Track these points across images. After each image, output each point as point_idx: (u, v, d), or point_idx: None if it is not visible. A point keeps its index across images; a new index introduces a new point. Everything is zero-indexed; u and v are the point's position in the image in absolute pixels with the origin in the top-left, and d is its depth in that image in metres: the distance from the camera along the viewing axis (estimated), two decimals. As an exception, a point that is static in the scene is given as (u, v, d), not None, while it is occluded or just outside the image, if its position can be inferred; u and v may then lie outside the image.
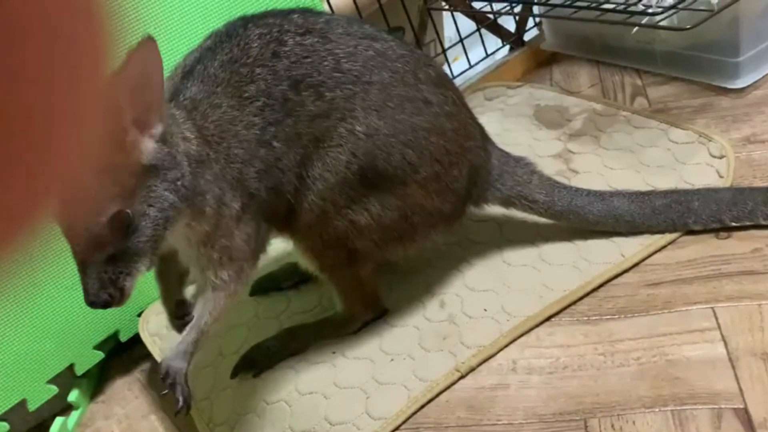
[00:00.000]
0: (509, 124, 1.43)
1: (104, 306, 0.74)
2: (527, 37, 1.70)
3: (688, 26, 1.13)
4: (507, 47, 1.71)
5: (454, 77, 1.57)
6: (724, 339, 0.88)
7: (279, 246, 1.18)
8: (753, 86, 1.27)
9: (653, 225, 1.05)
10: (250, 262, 0.92)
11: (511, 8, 1.55)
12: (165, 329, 1.18)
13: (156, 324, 1.23)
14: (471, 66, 1.65)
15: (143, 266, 0.77)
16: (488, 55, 1.67)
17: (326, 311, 1.15)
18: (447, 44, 1.69)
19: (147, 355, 1.23)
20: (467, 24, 1.67)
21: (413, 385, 0.97)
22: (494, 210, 1.12)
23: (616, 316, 0.97)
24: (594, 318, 0.98)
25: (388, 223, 0.97)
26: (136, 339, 1.24)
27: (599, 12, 1.26)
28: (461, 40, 1.62)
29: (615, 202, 1.06)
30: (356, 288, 1.05)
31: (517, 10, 1.61)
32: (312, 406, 1.00)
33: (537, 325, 1.00)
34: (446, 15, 1.78)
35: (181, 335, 0.89)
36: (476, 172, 1.04)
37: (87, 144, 0.22)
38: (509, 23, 1.72)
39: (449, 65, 1.64)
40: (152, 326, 1.23)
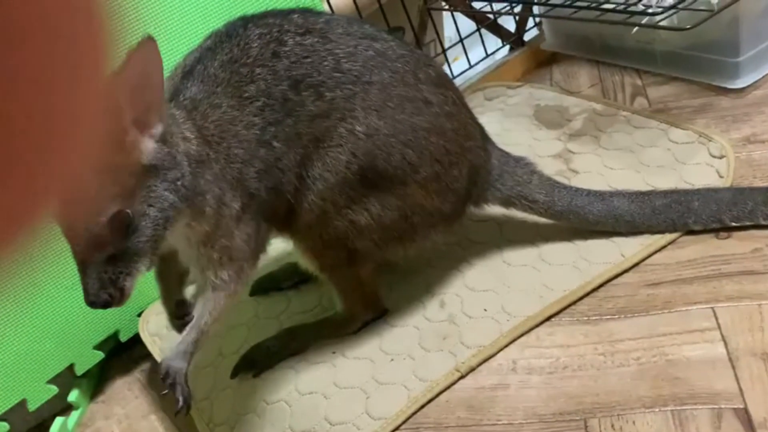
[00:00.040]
0: (509, 124, 1.43)
1: (104, 306, 0.74)
2: (527, 37, 1.70)
3: (688, 26, 1.13)
4: (507, 47, 1.71)
5: (454, 77, 1.57)
6: (724, 339, 0.88)
7: (279, 246, 1.18)
8: (753, 86, 1.27)
9: (653, 225, 1.05)
10: (250, 262, 0.92)
11: (511, 8, 1.55)
12: (165, 329, 1.18)
13: (156, 324, 1.23)
14: (471, 66, 1.65)
15: (143, 266, 0.77)
16: (488, 55, 1.67)
17: (326, 311, 1.15)
18: (447, 44, 1.69)
19: (147, 355, 1.23)
20: (467, 24, 1.67)
21: (413, 385, 0.97)
22: (494, 210, 1.12)
23: (616, 316, 0.97)
24: (594, 318, 0.98)
25: (388, 223, 0.97)
26: (136, 339, 1.24)
27: (599, 12, 1.26)
28: (461, 40, 1.62)
29: (615, 202, 1.06)
30: (356, 288, 1.06)
31: (517, 10, 1.61)
32: (312, 406, 1.00)
33: (537, 325, 1.00)
34: (446, 15, 1.78)
35: (181, 335, 0.89)
36: (476, 172, 1.04)
37: (87, 144, 0.22)
38: (509, 23, 1.72)
39: (449, 65, 1.64)
40: (152, 326, 1.23)
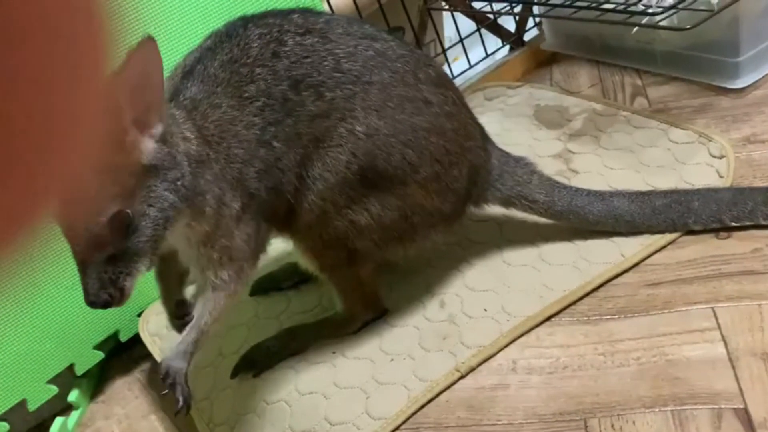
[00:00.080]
0: (509, 124, 1.43)
1: (104, 306, 0.74)
2: (527, 37, 1.70)
3: (688, 26, 1.13)
4: (507, 47, 1.71)
5: (454, 77, 1.57)
6: (724, 339, 0.88)
7: (279, 246, 1.18)
8: (753, 86, 1.27)
9: (653, 225, 1.05)
10: (250, 262, 0.92)
11: (511, 8, 1.55)
12: (165, 329, 1.18)
13: (156, 324, 1.23)
14: (471, 66, 1.65)
15: (143, 266, 0.77)
16: (488, 55, 1.67)
17: (326, 311, 1.15)
18: (447, 44, 1.69)
19: (147, 355, 1.23)
20: (467, 24, 1.67)
21: (413, 385, 0.97)
22: (494, 210, 1.12)
23: (616, 316, 0.97)
24: (594, 318, 0.98)
25: (388, 223, 0.97)
26: (136, 339, 1.24)
27: (599, 12, 1.26)
28: (461, 40, 1.62)
29: (615, 202, 1.06)
30: (356, 288, 1.05)
31: (517, 10, 1.61)
32: (312, 406, 1.00)
33: (537, 325, 1.00)
34: (446, 15, 1.78)
35: (181, 335, 0.89)
36: (476, 172, 1.04)
37: (87, 144, 0.22)
38: (509, 23, 1.72)
39: (449, 65, 1.64)
40: (152, 326, 1.23)
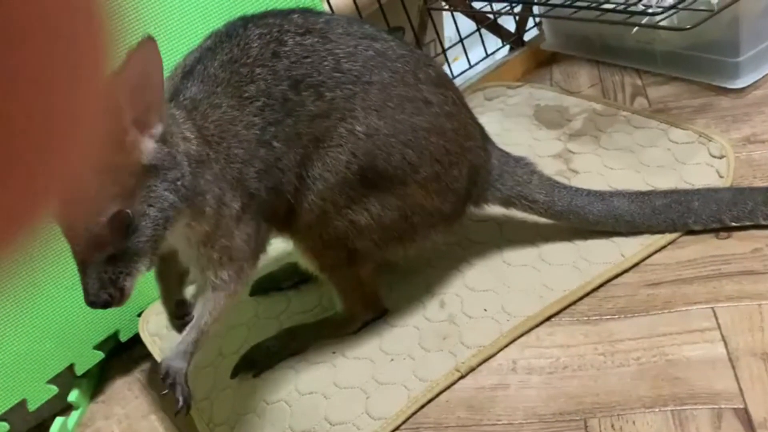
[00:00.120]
0: (509, 124, 1.43)
1: (104, 306, 0.74)
2: (527, 37, 1.70)
3: (688, 26, 1.13)
4: (507, 47, 1.71)
5: (454, 77, 1.57)
6: (724, 339, 0.88)
7: (279, 246, 1.18)
8: (753, 86, 1.27)
9: (653, 225, 1.05)
10: (250, 262, 0.92)
11: (511, 8, 1.55)
12: (165, 329, 1.18)
13: (156, 324, 1.23)
14: (471, 66, 1.65)
15: (143, 266, 0.77)
16: (488, 55, 1.67)
17: (326, 311, 1.15)
18: (447, 44, 1.69)
19: (147, 355, 1.23)
20: (467, 24, 1.67)
21: (413, 385, 0.97)
22: (494, 210, 1.12)
23: (616, 316, 0.97)
24: (594, 318, 0.98)
25: (388, 223, 0.97)
26: (136, 339, 1.24)
27: (599, 12, 1.26)
28: (461, 40, 1.62)
29: (615, 202, 1.06)
30: (356, 288, 1.05)
31: (517, 10, 1.61)
32: (312, 406, 1.00)
33: (537, 325, 1.00)
34: (446, 15, 1.78)
35: (181, 335, 0.89)
36: (476, 172, 1.04)
37: (87, 144, 0.22)
38: (509, 23, 1.72)
39: (449, 65, 1.64)
40: (152, 326, 1.23)
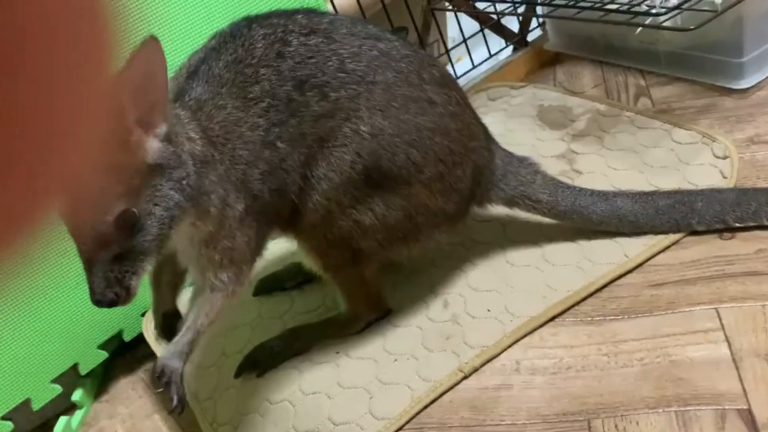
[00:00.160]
0: (512, 125, 1.43)
1: (110, 305, 0.74)
2: (530, 38, 1.70)
3: (692, 27, 1.13)
4: (510, 47, 1.71)
5: (458, 77, 1.58)
6: (728, 340, 0.88)
7: (283, 246, 1.18)
8: (757, 87, 1.27)
9: (657, 225, 1.05)
10: (249, 265, 0.92)
11: (515, 8, 1.56)
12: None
13: (160, 323, 1.23)
14: (474, 66, 1.65)
15: (149, 265, 0.77)
16: (491, 56, 1.67)
17: (330, 311, 1.15)
18: (450, 44, 1.69)
19: (151, 355, 1.23)
20: (470, 24, 1.67)
21: (417, 386, 0.97)
22: (498, 210, 1.12)
23: (620, 317, 0.97)
24: (597, 318, 0.98)
25: (393, 223, 0.97)
26: (140, 339, 1.25)
27: (603, 12, 1.26)
28: (464, 41, 1.62)
29: (618, 203, 1.06)
30: (360, 288, 1.06)
31: (521, 11, 1.61)
32: (315, 406, 1.00)
33: (540, 326, 1.00)
34: (449, 15, 1.78)
35: (178, 335, 0.89)
36: (480, 172, 1.04)
37: (88, 144, 0.22)
38: (512, 23, 1.72)
39: (452, 65, 1.64)
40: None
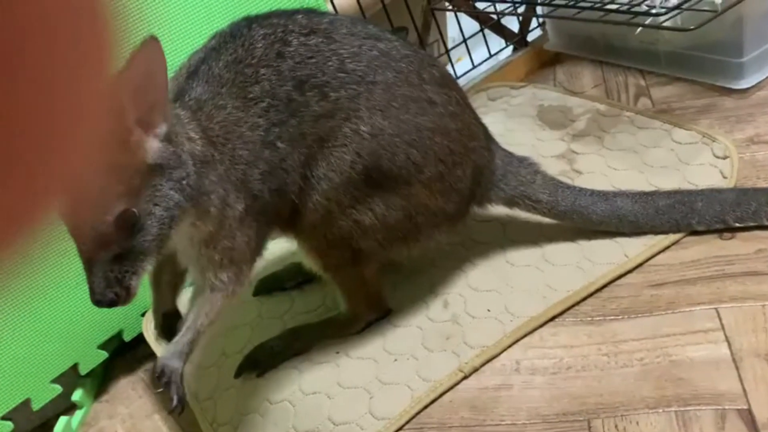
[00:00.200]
0: (512, 125, 1.43)
1: (110, 305, 0.74)
2: (530, 38, 1.70)
3: (692, 27, 1.13)
4: (510, 47, 1.71)
5: (458, 77, 1.58)
6: (728, 340, 0.88)
7: (283, 246, 1.18)
8: (757, 87, 1.27)
9: (657, 225, 1.05)
10: (249, 265, 0.92)
11: (515, 8, 1.56)
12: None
13: (160, 323, 1.23)
14: (474, 66, 1.65)
15: (149, 265, 0.77)
16: (491, 56, 1.67)
17: (330, 311, 1.15)
18: (450, 44, 1.69)
19: (151, 355, 1.23)
20: (470, 24, 1.67)
21: (417, 385, 0.97)
22: (498, 210, 1.12)
23: (620, 317, 0.97)
24: (597, 318, 0.98)
25: (393, 223, 0.97)
26: (140, 339, 1.25)
27: (603, 12, 1.26)
28: (464, 41, 1.62)
29: (618, 203, 1.06)
30: (360, 288, 1.06)
31: (521, 11, 1.61)
32: (315, 406, 1.00)
33: (540, 326, 1.00)
34: (449, 15, 1.78)
35: (178, 335, 0.89)
36: (480, 173, 1.04)
37: (88, 144, 0.22)
38: (512, 23, 1.72)
39: (452, 65, 1.64)
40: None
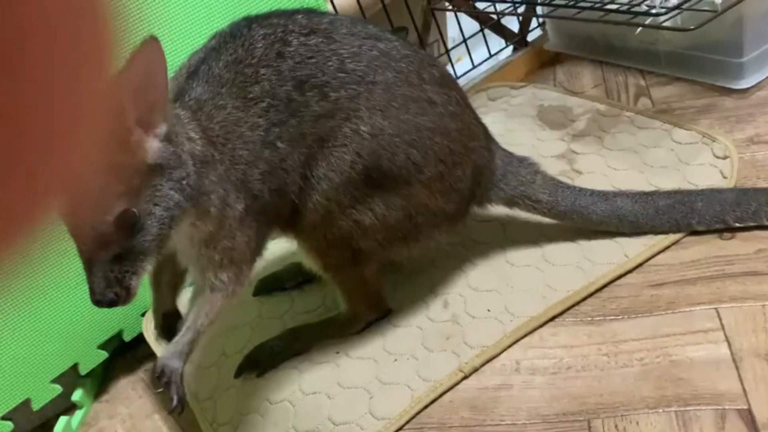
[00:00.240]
0: (512, 125, 1.43)
1: (110, 305, 0.74)
2: (530, 38, 1.70)
3: (692, 27, 1.13)
4: (510, 47, 1.71)
5: (458, 77, 1.58)
6: (728, 340, 0.88)
7: (283, 246, 1.18)
8: (757, 87, 1.27)
9: (657, 225, 1.05)
10: (249, 265, 0.92)
11: (515, 8, 1.56)
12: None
13: (160, 323, 1.23)
14: (474, 66, 1.65)
15: (149, 265, 0.77)
16: (491, 56, 1.67)
17: (330, 311, 1.15)
18: (450, 44, 1.69)
19: (151, 355, 1.23)
20: (470, 24, 1.67)
21: (417, 385, 0.97)
22: (498, 210, 1.12)
23: (620, 317, 0.97)
24: (597, 318, 0.98)
25: (393, 223, 0.97)
26: (140, 339, 1.25)
27: (603, 12, 1.26)
28: (464, 41, 1.62)
29: (618, 203, 1.06)
30: (360, 288, 1.06)
31: (521, 11, 1.61)
32: (315, 406, 1.00)
33: (540, 326, 1.00)
34: (449, 15, 1.78)
35: (178, 335, 0.89)
36: (480, 172, 1.04)
37: (88, 144, 0.22)
38: (512, 23, 1.72)
39: (452, 65, 1.64)
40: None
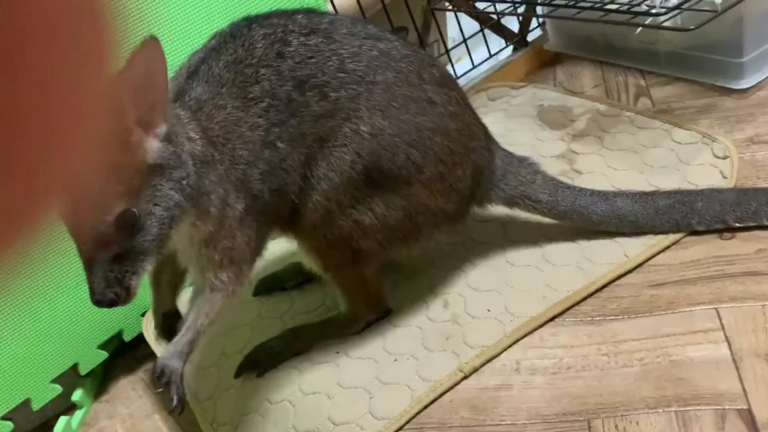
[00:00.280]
0: (512, 125, 1.43)
1: (110, 305, 0.74)
2: (530, 38, 1.70)
3: (692, 27, 1.13)
4: (510, 47, 1.71)
5: (458, 77, 1.58)
6: (728, 340, 0.88)
7: (283, 246, 1.18)
8: (757, 87, 1.27)
9: (657, 225, 1.05)
10: (249, 265, 0.92)
11: (515, 8, 1.56)
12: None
13: (160, 323, 1.23)
14: (474, 66, 1.65)
15: (149, 265, 0.77)
16: (491, 56, 1.67)
17: (330, 311, 1.15)
18: (450, 44, 1.69)
19: (151, 355, 1.23)
20: (470, 24, 1.67)
21: (417, 386, 0.97)
22: (498, 210, 1.12)
23: (620, 317, 0.97)
24: (597, 318, 0.98)
25: (393, 223, 0.97)
26: (140, 339, 1.25)
27: (603, 12, 1.26)
28: (464, 41, 1.62)
29: (618, 203, 1.06)
30: (360, 288, 1.06)
31: (521, 11, 1.61)
32: (315, 406, 1.00)
33: (540, 326, 1.00)
34: (449, 15, 1.78)
35: (178, 335, 0.89)
36: (480, 172, 1.04)
37: (88, 144, 0.22)
38: (512, 23, 1.72)
39: (452, 65, 1.64)
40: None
